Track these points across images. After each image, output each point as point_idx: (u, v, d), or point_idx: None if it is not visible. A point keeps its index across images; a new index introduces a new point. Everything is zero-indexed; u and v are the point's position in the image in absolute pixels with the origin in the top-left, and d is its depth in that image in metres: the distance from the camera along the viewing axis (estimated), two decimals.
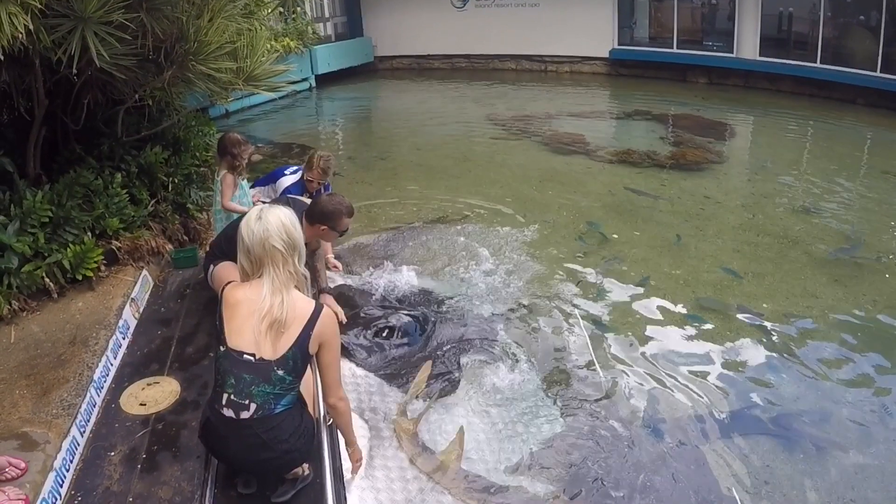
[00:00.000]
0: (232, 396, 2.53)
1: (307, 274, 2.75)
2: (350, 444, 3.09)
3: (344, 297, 5.13)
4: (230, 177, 4.89)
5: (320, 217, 4.00)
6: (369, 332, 4.67)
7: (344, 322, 4.57)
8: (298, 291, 2.64)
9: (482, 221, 6.93)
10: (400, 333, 4.67)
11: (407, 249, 6.22)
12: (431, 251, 6.19)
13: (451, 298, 5.29)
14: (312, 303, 2.64)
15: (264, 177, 5.70)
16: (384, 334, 4.66)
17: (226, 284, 2.68)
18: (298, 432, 2.66)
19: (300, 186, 5.20)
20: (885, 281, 5.58)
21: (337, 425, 3.05)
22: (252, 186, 5.43)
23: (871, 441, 3.78)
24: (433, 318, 4.92)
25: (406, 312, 4.92)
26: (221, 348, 2.57)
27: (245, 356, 2.52)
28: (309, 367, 2.75)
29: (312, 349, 2.60)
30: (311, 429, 2.77)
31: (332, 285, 5.05)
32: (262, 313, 2.51)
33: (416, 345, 4.62)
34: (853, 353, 4.60)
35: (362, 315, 4.89)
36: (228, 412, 2.54)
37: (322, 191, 5.16)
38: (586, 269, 5.83)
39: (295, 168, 5.42)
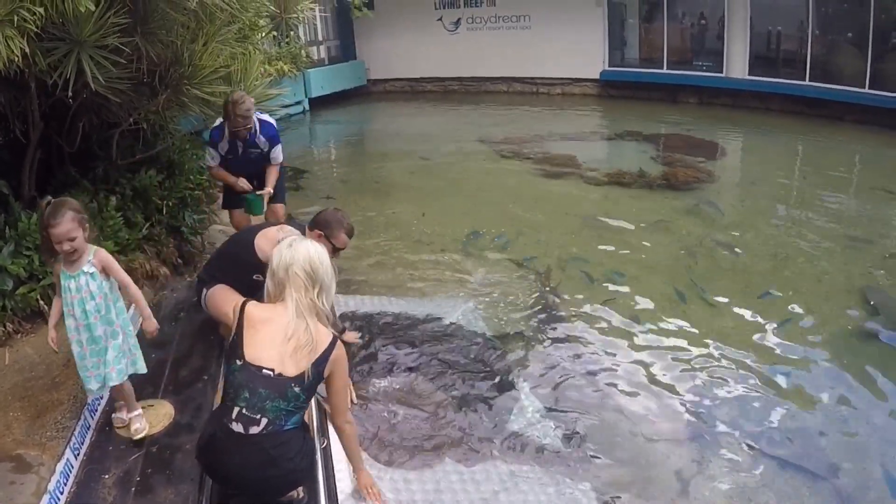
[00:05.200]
0: (244, 410, 2.54)
1: (333, 314, 2.81)
2: (357, 469, 3.09)
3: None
4: None
5: (322, 224, 3.94)
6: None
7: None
8: (321, 324, 2.70)
9: (473, 243, 6.94)
10: (392, 366, 4.53)
11: (397, 272, 6.23)
12: (421, 274, 6.18)
13: (441, 323, 5.16)
14: (331, 333, 2.73)
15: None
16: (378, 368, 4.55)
17: (244, 303, 2.71)
18: (303, 452, 2.69)
19: (220, 131, 5.25)
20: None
21: (344, 448, 3.06)
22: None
23: (866, 462, 3.79)
24: (426, 344, 4.81)
25: (396, 341, 4.82)
26: (238, 362, 2.59)
27: (264, 371, 2.56)
28: None
29: (326, 372, 2.67)
30: (312, 450, 2.82)
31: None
32: (287, 334, 2.58)
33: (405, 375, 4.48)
34: (847, 368, 4.60)
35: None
36: (237, 426, 2.54)
37: (255, 134, 5.35)
38: (579, 290, 5.83)
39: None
